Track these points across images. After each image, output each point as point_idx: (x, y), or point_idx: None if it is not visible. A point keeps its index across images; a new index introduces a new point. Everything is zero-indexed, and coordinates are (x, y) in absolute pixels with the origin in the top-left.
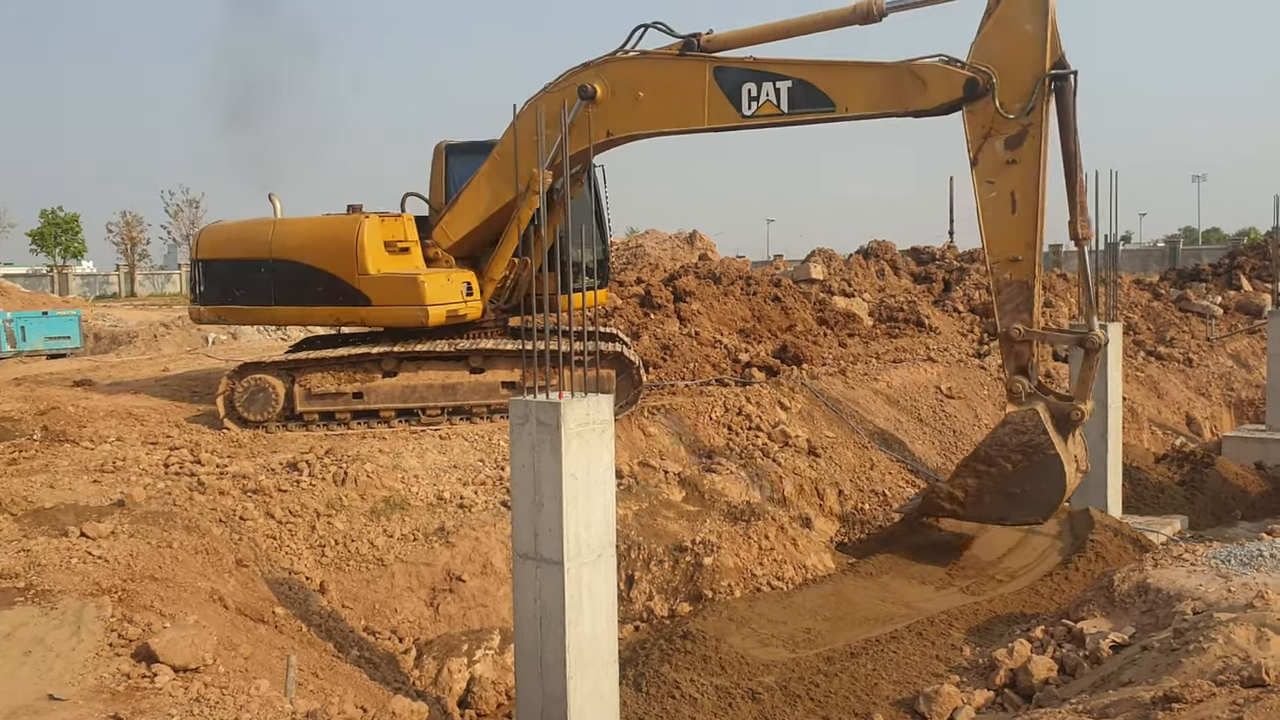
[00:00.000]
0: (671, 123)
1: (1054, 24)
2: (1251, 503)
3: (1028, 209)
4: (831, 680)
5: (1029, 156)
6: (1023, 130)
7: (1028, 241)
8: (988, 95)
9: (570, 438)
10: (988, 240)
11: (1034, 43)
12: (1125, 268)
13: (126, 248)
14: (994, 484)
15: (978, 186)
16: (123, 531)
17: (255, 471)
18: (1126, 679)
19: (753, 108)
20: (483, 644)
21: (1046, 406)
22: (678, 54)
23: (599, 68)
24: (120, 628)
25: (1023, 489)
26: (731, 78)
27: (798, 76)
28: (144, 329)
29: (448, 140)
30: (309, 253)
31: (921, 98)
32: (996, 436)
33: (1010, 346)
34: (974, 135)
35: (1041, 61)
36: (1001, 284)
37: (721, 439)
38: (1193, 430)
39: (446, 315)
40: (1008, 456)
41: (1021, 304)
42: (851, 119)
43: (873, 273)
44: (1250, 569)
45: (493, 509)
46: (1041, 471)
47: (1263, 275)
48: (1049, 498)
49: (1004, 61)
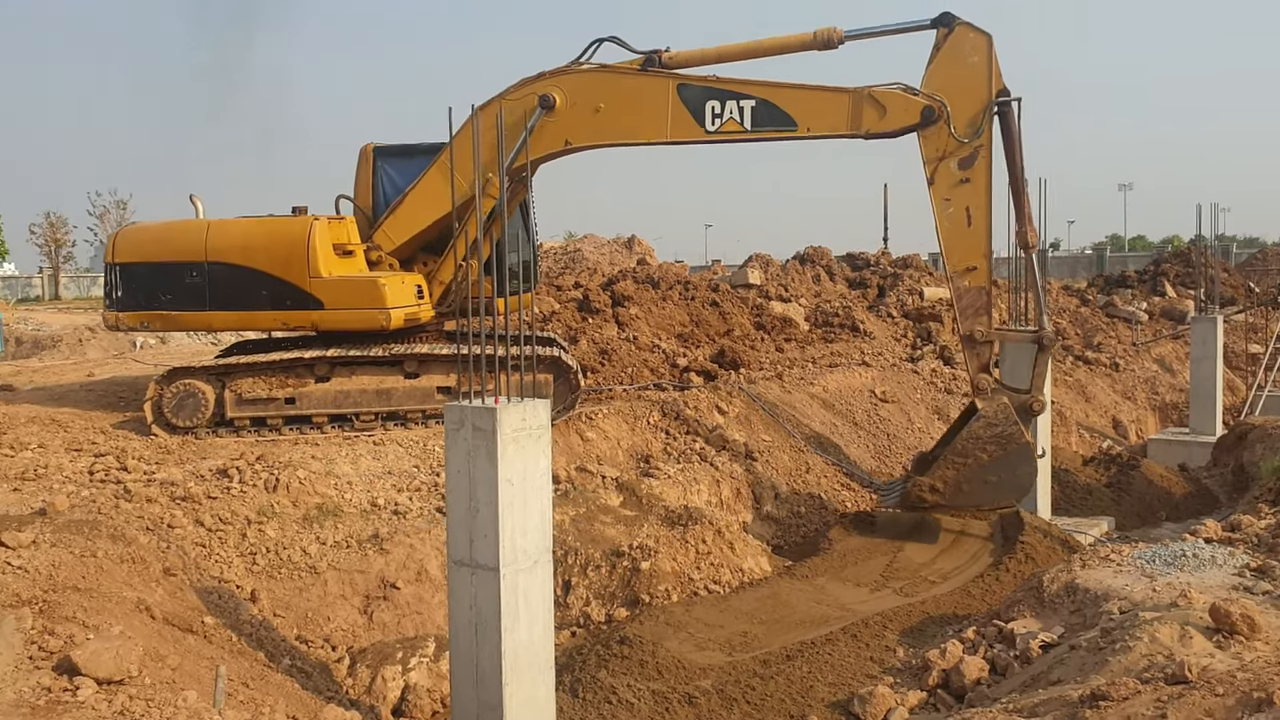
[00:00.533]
0: (633, 135)
1: (995, 58)
2: (1175, 504)
3: (981, 222)
4: (768, 683)
5: (980, 175)
6: (974, 152)
7: (983, 251)
8: (941, 121)
9: (506, 443)
10: (947, 252)
11: (979, 74)
12: (1054, 274)
13: (50, 250)
14: (971, 474)
15: (935, 204)
16: (44, 541)
17: (184, 478)
18: (1056, 678)
19: (716, 124)
20: (417, 652)
21: (1011, 400)
22: (640, 69)
23: (557, 78)
24: (41, 640)
25: (999, 476)
26: (696, 95)
27: (762, 96)
28: (68, 333)
29: (376, 143)
30: (252, 255)
31: (880, 122)
32: (971, 430)
33: (973, 347)
34: (929, 157)
35: (987, 91)
36: (961, 291)
37: (659, 443)
38: (1119, 433)
39: (405, 318)
40: (983, 448)
41: (980, 308)
42: (811, 138)
43: (809, 278)
44: (1174, 569)
45: (428, 515)
46: (1015, 458)
47: (1186, 282)
48: (1023, 481)
49: (953, 91)
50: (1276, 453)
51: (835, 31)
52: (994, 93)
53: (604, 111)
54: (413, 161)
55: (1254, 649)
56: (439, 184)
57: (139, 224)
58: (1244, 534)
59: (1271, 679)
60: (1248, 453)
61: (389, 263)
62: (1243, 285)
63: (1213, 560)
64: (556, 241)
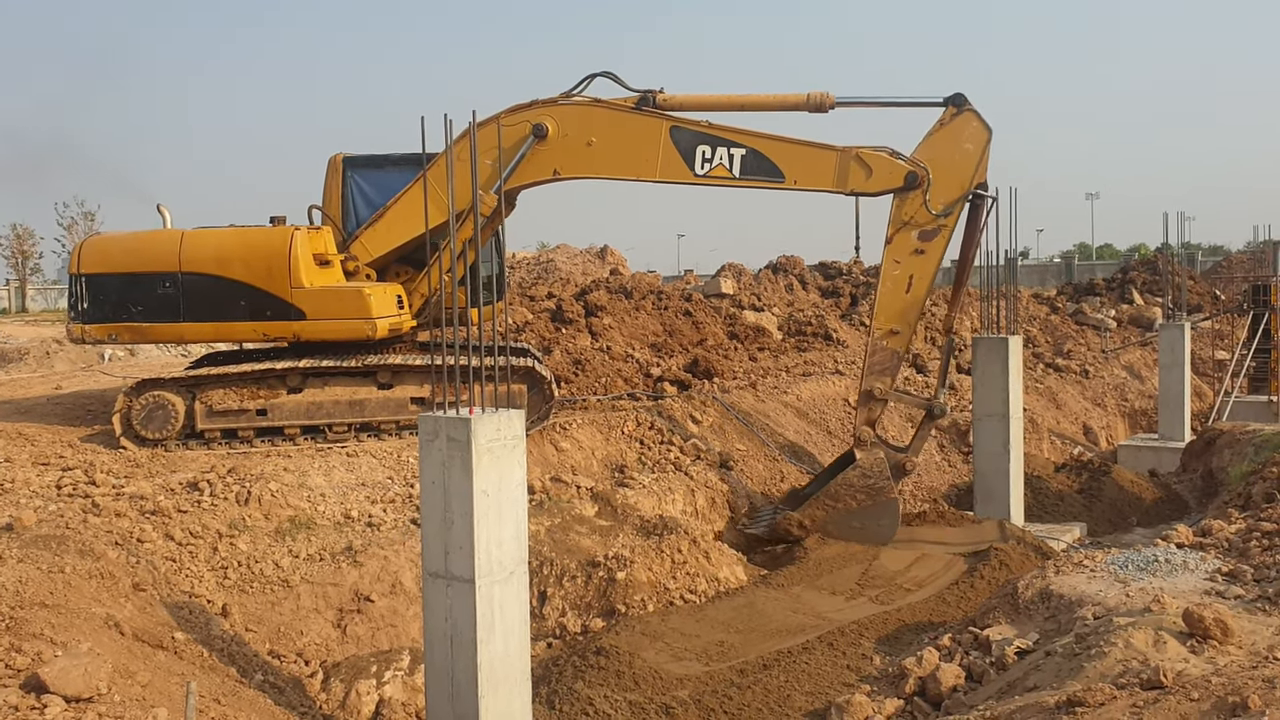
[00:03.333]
0: (622, 171)
1: (988, 153)
2: (1146, 509)
3: (920, 293)
4: (745, 692)
5: (935, 251)
6: (937, 228)
7: (909, 321)
8: (921, 189)
9: (481, 454)
10: (878, 309)
11: (970, 161)
12: (1024, 282)
13: (17, 262)
14: (839, 516)
15: (885, 263)
16: (10, 556)
17: (154, 492)
18: (1031, 684)
19: (705, 169)
20: (392, 665)
21: (887, 455)
22: (634, 108)
23: (551, 108)
24: (8, 658)
25: (862, 523)
26: (688, 138)
27: (754, 147)
28: (35, 345)
29: (345, 153)
30: (229, 265)
31: (866, 183)
32: (846, 478)
33: (868, 402)
34: (895, 220)
35: (971, 177)
36: (877, 348)
37: (634, 453)
38: (1090, 439)
39: (389, 328)
40: (854, 495)
41: (888, 369)
42: (796, 190)
43: (782, 287)
44: (1147, 574)
45: (402, 527)
46: (881, 510)
47: (1154, 289)
48: (884, 532)
49: (940, 167)
50: (1244, 458)
51: (827, 97)
52: (975, 181)
53: (595, 146)
54: (383, 173)
55: (1227, 653)
56: (421, 200)
57: (105, 234)
58: (1215, 539)
59: (1246, 683)
60: (1216, 458)
61: (366, 273)
62: (1209, 293)
63: (1185, 565)
64: (529, 252)
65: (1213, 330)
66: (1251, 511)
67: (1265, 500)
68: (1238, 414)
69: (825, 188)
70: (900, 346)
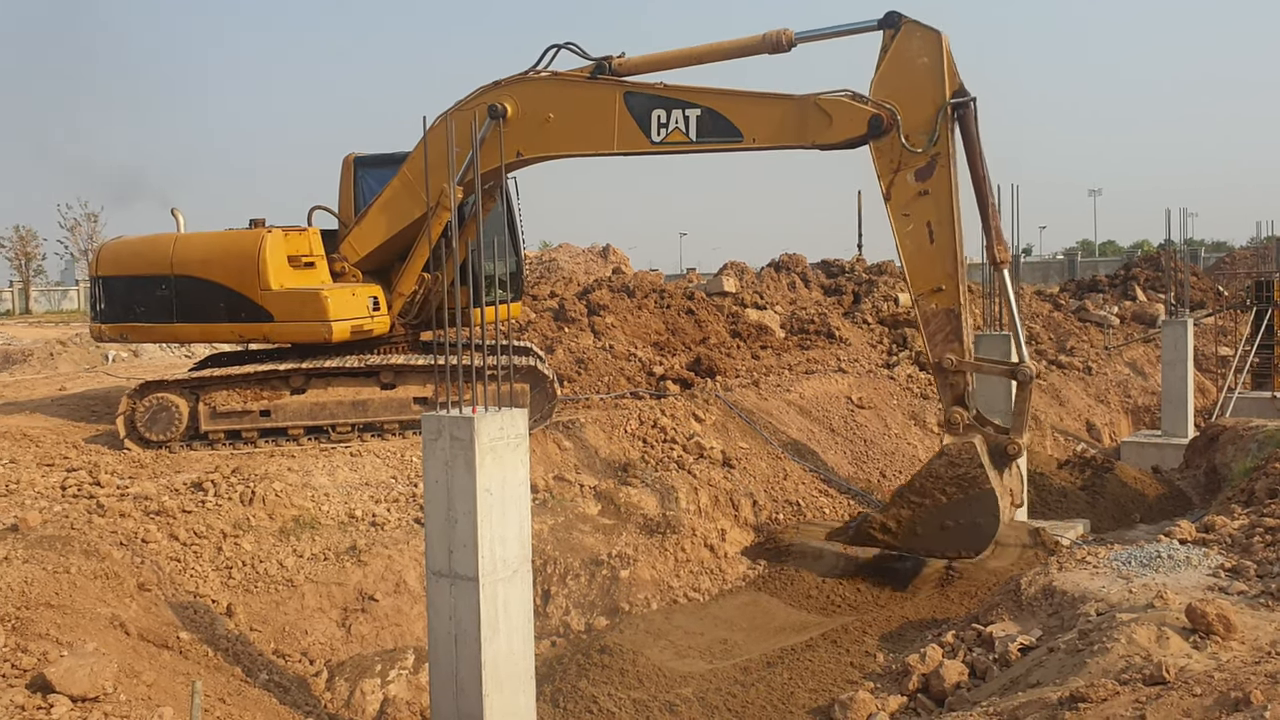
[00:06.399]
0: (581, 146)
1: (949, 55)
2: (1149, 506)
3: (945, 238)
4: (748, 690)
5: (940, 186)
6: (931, 161)
7: (948, 271)
8: (893, 131)
9: (484, 453)
10: (910, 273)
11: (931, 75)
12: (1026, 279)
13: (20, 263)
14: (928, 516)
15: (894, 221)
16: (16, 557)
17: (158, 492)
18: (1035, 680)
19: (662, 134)
20: (396, 664)
21: (984, 439)
22: (589, 77)
23: (509, 87)
24: (14, 658)
25: (956, 521)
26: (642, 104)
27: (707, 105)
28: (40, 347)
29: (357, 153)
30: (211, 268)
31: (826, 132)
32: (931, 468)
33: (944, 378)
34: (884, 170)
35: (941, 93)
36: (928, 315)
37: (637, 452)
38: (1093, 436)
39: (351, 330)
40: (942, 489)
41: (951, 333)
42: (758, 149)
43: (784, 285)
44: (1150, 570)
45: (406, 526)
46: (976, 505)
47: (1156, 286)
48: (983, 532)
49: (904, 96)
50: (1248, 454)
51: (785, 33)
52: (949, 94)
53: (553, 122)
54: (390, 170)
55: (1230, 649)
56: (400, 196)
57: (123, 238)
58: (1218, 535)
59: (1248, 679)
60: (1219, 454)
61: (352, 274)
62: (1212, 289)
63: (1187, 561)
64: (531, 251)
65: (1216, 326)
66: (1254, 507)
67: (1268, 496)
68: (1241, 410)
69: (786, 143)
70: (952, 303)
